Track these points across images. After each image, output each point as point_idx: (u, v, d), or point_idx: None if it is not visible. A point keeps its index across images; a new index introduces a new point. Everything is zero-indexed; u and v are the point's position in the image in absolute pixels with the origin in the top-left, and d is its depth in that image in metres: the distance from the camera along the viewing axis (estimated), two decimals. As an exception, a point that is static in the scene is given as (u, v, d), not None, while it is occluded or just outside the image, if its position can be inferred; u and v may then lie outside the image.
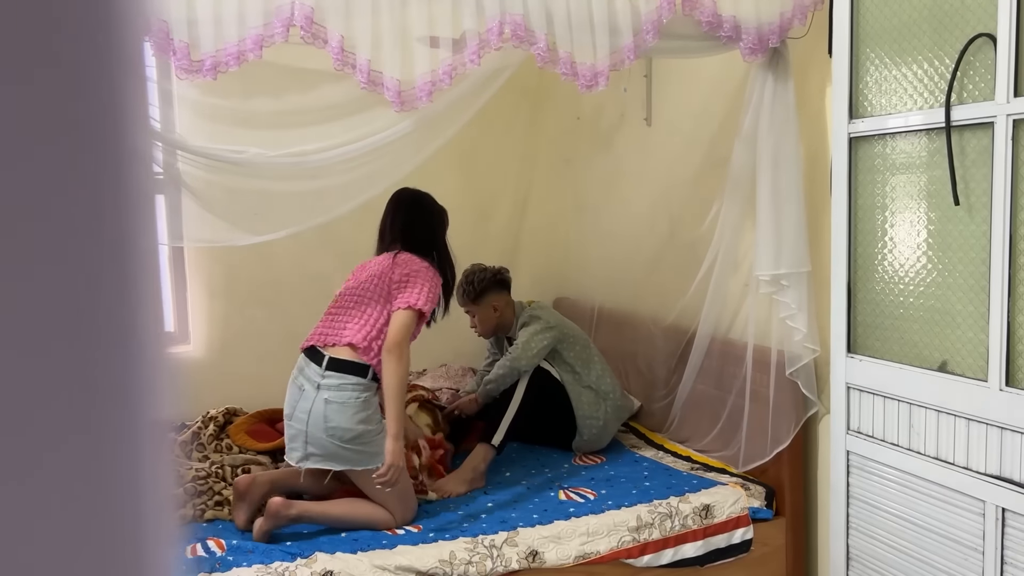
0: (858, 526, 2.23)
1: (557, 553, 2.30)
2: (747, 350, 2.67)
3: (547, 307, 3.19)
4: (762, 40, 2.38)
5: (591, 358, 3.04)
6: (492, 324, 3.09)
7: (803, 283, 2.47)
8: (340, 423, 2.29)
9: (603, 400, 2.99)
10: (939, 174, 1.94)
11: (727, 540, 2.49)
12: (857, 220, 2.17)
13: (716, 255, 2.78)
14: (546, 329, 2.97)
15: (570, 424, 2.96)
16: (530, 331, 2.95)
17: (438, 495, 2.60)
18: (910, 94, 2.01)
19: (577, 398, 2.94)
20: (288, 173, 2.42)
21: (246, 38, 1.95)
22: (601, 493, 2.59)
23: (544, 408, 2.91)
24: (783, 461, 2.59)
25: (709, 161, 2.99)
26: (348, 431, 2.30)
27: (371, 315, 2.40)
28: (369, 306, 2.41)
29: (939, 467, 1.98)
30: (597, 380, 3.00)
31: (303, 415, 2.32)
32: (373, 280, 2.46)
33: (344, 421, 2.30)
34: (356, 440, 2.31)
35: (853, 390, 2.21)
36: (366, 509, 2.35)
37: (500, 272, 3.09)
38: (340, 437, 2.29)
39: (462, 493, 2.63)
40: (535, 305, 3.12)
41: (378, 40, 2.08)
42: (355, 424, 2.30)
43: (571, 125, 3.99)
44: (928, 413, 2.00)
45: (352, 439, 2.31)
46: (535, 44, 2.16)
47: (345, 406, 2.30)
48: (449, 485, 2.65)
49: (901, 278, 2.06)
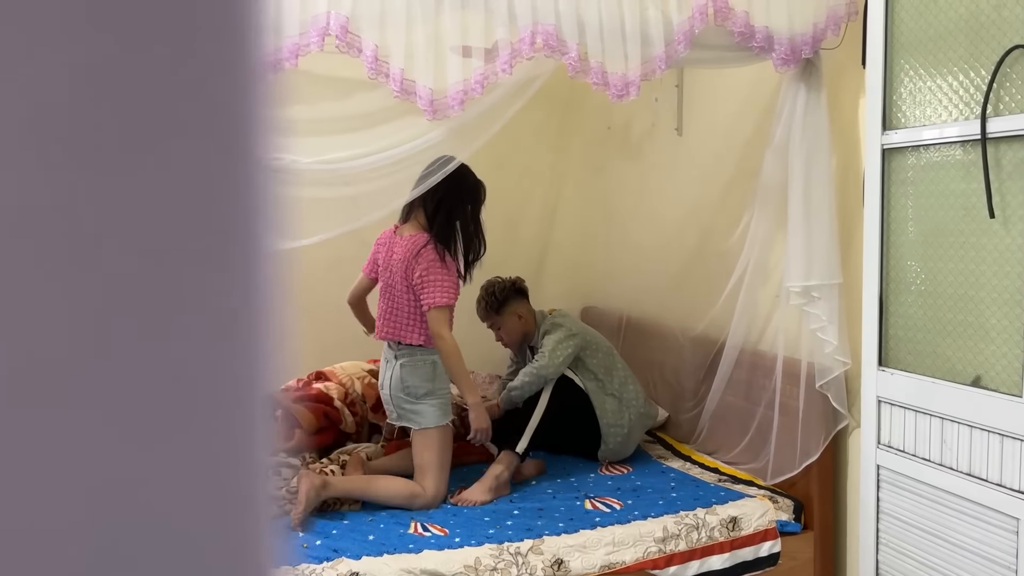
0: (888, 542, 2.20)
1: (582, 562, 2.30)
2: (776, 362, 2.65)
3: (568, 315, 3.19)
4: (795, 51, 2.38)
5: (614, 365, 3.04)
6: (519, 333, 3.10)
7: (834, 295, 2.45)
8: (412, 382, 2.67)
9: (627, 408, 2.98)
10: (974, 186, 1.92)
11: (754, 553, 2.47)
12: (889, 232, 2.15)
13: (746, 266, 2.77)
14: (569, 336, 2.97)
15: (594, 433, 2.95)
16: (554, 338, 2.95)
17: (461, 504, 2.61)
18: (945, 105, 1.99)
19: (601, 406, 2.94)
20: (322, 180, 2.45)
21: (283, 47, 1.98)
22: (627, 503, 2.59)
23: (567, 416, 2.91)
24: (812, 474, 2.56)
25: (740, 172, 2.98)
26: (419, 387, 2.67)
27: (412, 314, 2.69)
28: (407, 305, 2.70)
29: (972, 483, 1.95)
30: (620, 387, 3.00)
31: (386, 382, 2.74)
32: (398, 275, 2.70)
33: (416, 380, 2.67)
34: (426, 397, 2.66)
35: (884, 404, 2.18)
36: (398, 485, 2.59)
37: (517, 281, 3.11)
38: (413, 394, 2.66)
39: (487, 502, 2.63)
40: (556, 313, 3.12)
41: (412, 49, 2.10)
42: (424, 382, 2.67)
43: (601, 135, 4.00)
44: (961, 428, 1.98)
45: (423, 395, 2.66)
46: (567, 54, 2.17)
47: (416, 368, 2.68)
48: (473, 495, 2.65)
49: (934, 291, 2.04)
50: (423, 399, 2.67)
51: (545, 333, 3.01)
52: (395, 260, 2.72)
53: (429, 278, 2.62)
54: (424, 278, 2.62)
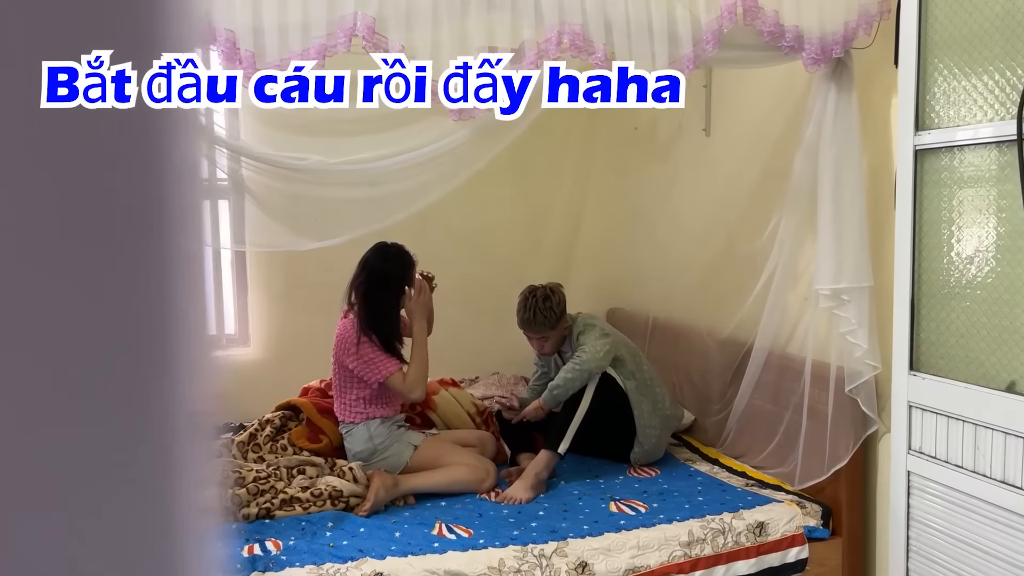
0: (918, 549, 2.17)
1: (607, 565, 2.29)
2: (805, 365, 2.62)
3: (597, 317, 3.18)
4: (825, 50, 2.34)
5: (641, 366, 3.02)
6: (561, 342, 3.07)
7: (864, 298, 2.42)
8: (356, 448, 2.80)
9: (657, 410, 2.96)
10: (1009, 188, 1.88)
11: (781, 559, 2.44)
12: (922, 234, 2.11)
13: (775, 268, 2.74)
14: (603, 335, 2.95)
15: (628, 434, 2.94)
16: (592, 337, 2.93)
17: (505, 503, 2.63)
18: (980, 105, 1.95)
19: (638, 406, 2.92)
20: (348, 180, 2.47)
21: (310, 48, 1.99)
22: (653, 507, 2.57)
23: (606, 416, 2.89)
24: (841, 480, 2.53)
25: (769, 173, 2.95)
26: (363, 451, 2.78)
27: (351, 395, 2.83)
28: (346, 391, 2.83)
29: (1005, 491, 1.91)
30: (648, 388, 2.98)
31: None
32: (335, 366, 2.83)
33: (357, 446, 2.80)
34: (373, 456, 2.76)
35: (915, 409, 2.15)
36: (460, 471, 2.71)
37: (560, 290, 3.04)
38: (363, 458, 2.77)
39: (530, 500, 2.65)
40: (585, 315, 3.10)
41: (438, 50, 2.10)
42: (364, 444, 2.78)
43: (628, 136, 3.98)
44: (995, 435, 1.94)
45: (369, 456, 2.77)
46: (593, 54, 2.16)
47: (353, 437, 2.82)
48: (516, 492, 2.67)
49: (968, 295, 2.00)
50: (372, 459, 2.77)
51: (579, 334, 2.99)
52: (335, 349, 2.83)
53: (365, 364, 2.73)
54: (362, 367, 2.74)
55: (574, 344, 2.99)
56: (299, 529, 2.36)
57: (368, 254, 2.78)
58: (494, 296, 3.92)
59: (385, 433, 2.79)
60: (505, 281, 4.04)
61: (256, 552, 2.21)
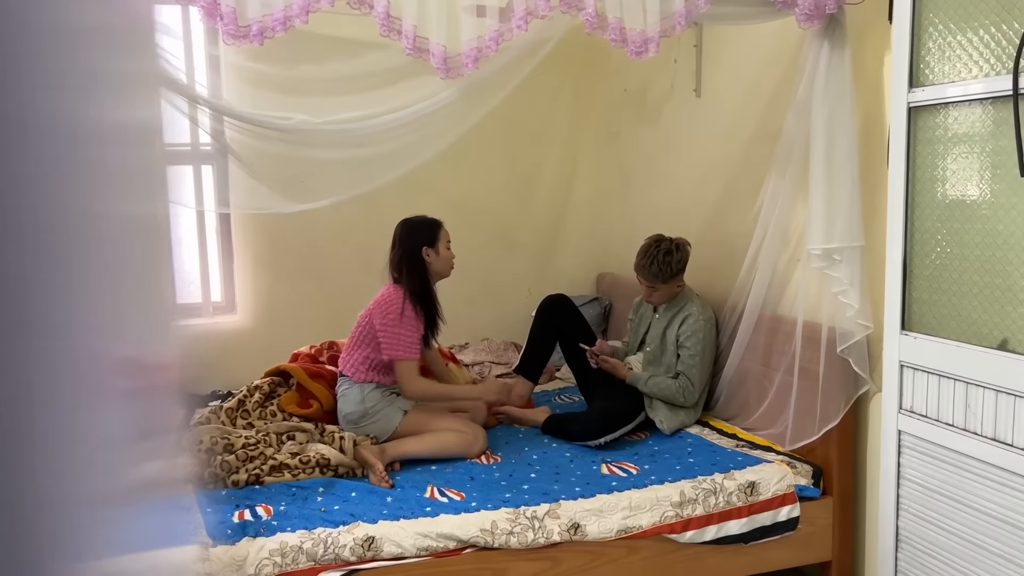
0: (908, 507, 2.18)
1: (599, 526, 2.29)
2: (796, 326, 2.61)
3: (708, 306, 3.05)
4: (818, 6, 2.31)
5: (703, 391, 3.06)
6: (671, 298, 3.02)
7: (856, 257, 2.40)
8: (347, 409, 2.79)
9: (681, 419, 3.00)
10: (1004, 144, 1.86)
11: (772, 518, 2.45)
12: (914, 193, 2.09)
13: (766, 228, 2.72)
14: (706, 367, 2.96)
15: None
16: (697, 363, 2.92)
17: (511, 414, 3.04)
18: (976, 61, 1.92)
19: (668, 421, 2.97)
20: (333, 141, 2.42)
21: (292, 3, 1.94)
22: (644, 468, 2.57)
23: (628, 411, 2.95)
24: (832, 440, 2.53)
25: (761, 133, 2.92)
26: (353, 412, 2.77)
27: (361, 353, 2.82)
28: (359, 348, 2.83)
29: (996, 448, 1.91)
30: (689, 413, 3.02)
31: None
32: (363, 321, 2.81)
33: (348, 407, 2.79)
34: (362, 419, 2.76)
35: (907, 368, 2.15)
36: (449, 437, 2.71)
37: (687, 247, 2.97)
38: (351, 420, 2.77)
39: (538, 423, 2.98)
40: (700, 300, 3.02)
41: (424, 7, 2.05)
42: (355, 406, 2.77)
43: (618, 97, 3.93)
44: (987, 393, 1.94)
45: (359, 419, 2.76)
46: (584, 10, 2.11)
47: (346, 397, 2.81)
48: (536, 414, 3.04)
49: (960, 253, 1.99)
50: (362, 422, 2.76)
51: (687, 317, 2.94)
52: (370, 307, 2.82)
53: (387, 331, 2.72)
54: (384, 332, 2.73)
55: (677, 313, 2.98)
56: (290, 495, 2.35)
57: (398, 230, 2.78)
58: (484, 261, 3.89)
59: (377, 398, 2.78)
60: (495, 246, 4.01)
61: (247, 518, 2.20)
